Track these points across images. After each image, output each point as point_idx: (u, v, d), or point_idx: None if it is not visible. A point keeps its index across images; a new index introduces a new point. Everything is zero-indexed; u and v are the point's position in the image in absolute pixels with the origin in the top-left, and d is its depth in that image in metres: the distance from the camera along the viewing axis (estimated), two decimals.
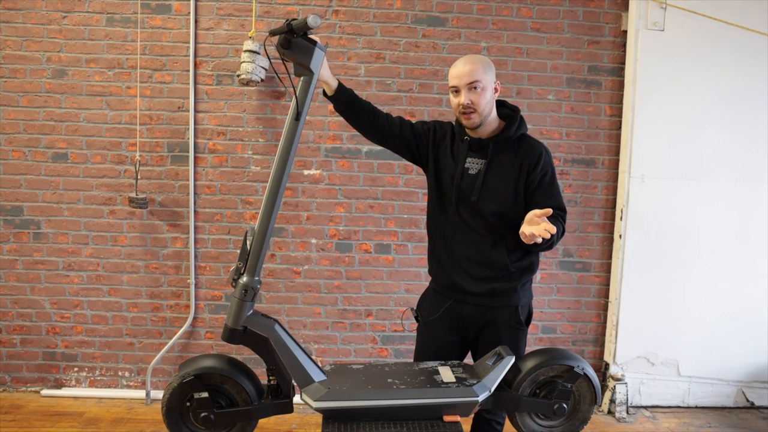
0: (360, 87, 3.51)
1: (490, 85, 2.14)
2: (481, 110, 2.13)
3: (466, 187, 2.20)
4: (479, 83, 2.10)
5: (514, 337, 2.27)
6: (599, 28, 3.57)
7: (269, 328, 1.98)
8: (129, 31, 3.43)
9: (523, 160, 2.18)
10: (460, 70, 2.12)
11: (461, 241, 2.23)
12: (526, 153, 2.19)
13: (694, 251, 3.61)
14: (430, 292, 2.42)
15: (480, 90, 2.11)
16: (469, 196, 2.19)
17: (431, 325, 2.34)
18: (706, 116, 3.54)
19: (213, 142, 3.51)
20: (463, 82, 2.11)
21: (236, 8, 3.44)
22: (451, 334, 2.33)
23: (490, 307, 2.25)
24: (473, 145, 2.21)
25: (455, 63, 2.17)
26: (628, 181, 3.55)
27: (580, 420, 2.17)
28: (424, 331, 2.39)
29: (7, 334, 3.56)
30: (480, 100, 2.11)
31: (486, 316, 2.26)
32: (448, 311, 2.30)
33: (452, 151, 2.26)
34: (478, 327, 2.29)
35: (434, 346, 2.35)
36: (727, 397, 3.72)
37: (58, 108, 3.45)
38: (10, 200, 3.48)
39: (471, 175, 2.20)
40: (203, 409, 1.96)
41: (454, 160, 2.24)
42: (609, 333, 3.69)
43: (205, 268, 3.57)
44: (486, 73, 2.12)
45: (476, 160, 2.20)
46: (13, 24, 3.39)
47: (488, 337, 2.27)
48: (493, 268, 2.21)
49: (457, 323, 2.31)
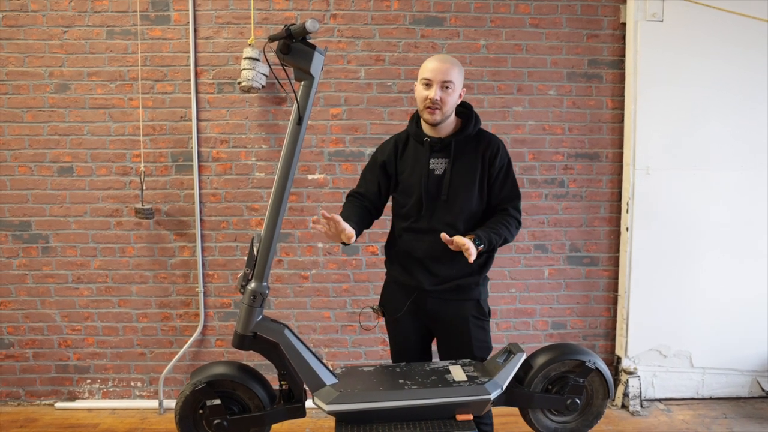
0: (360, 90, 3.52)
1: (458, 89, 2.20)
2: (446, 110, 2.18)
3: (434, 187, 2.23)
4: (452, 84, 2.16)
5: (482, 330, 2.32)
6: (598, 22, 3.57)
7: (279, 333, 1.98)
8: (129, 43, 3.45)
9: (484, 154, 2.24)
10: (438, 66, 2.16)
11: (429, 243, 2.24)
12: (486, 147, 2.25)
13: (701, 241, 3.59)
14: (391, 286, 2.43)
15: (451, 91, 2.16)
16: (438, 196, 2.22)
17: (398, 320, 2.37)
18: (708, 105, 3.52)
19: (216, 150, 3.52)
20: (437, 78, 2.15)
21: (235, 16, 3.46)
22: (416, 325, 2.37)
23: (454, 300, 2.29)
24: (435, 146, 2.24)
25: (431, 58, 2.21)
26: (633, 173, 3.54)
27: (593, 414, 2.17)
28: (393, 328, 2.43)
29: (20, 348, 3.58)
30: (448, 99, 2.16)
31: (451, 309, 2.29)
32: (412, 306, 2.32)
33: (415, 155, 2.28)
34: (443, 320, 2.31)
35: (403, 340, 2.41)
36: (742, 387, 3.70)
37: (62, 122, 3.47)
38: (18, 215, 3.50)
39: (437, 176, 2.23)
40: (216, 416, 1.97)
41: (418, 163, 2.26)
42: (620, 326, 3.67)
43: (213, 276, 3.58)
44: (459, 77, 2.19)
45: (440, 160, 2.24)
46: (14, 41, 3.42)
47: (455, 330, 2.31)
48: (457, 266, 2.24)
49: (422, 316, 2.34)
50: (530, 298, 3.67)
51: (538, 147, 3.61)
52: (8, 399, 3.60)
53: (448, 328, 2.32)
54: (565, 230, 3.65)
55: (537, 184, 3.61)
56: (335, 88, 3.52)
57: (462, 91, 2.24)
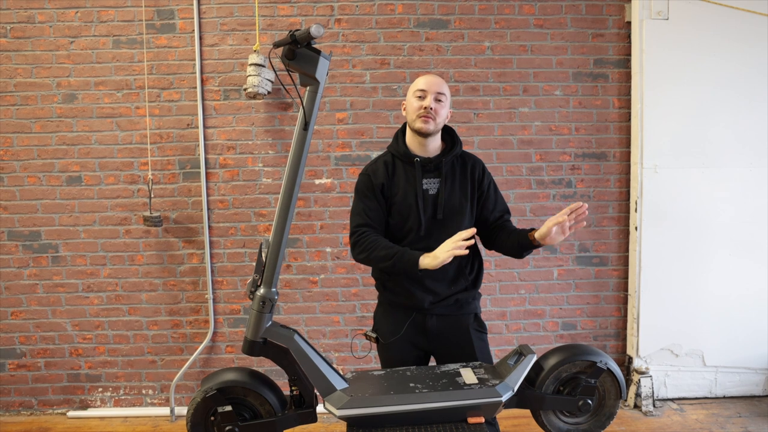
0: (366, 93, 3.52)
1: (448, 106, 2.27)
2: (439, 121, 2.23)
3: (428, 207, 2.24)
4: (444, 97, 2.23)
5: (483, 342, 2.32)
6: (603, 21, 3.56)
7: (289, 338, 1.98)
8: (135, 52, 3.47)
9: (472, 173, 2.30)
10: (432, 80, 2.24)
11: None
12: (472, 166, 2.31)
13: (711, 239, 3.57)
14: (386, 309, 2.35)
15: (443, 103, 2.23)
16: (434, 215, 2.23)
17: (393, 344, 2.29)
18: (715, 103, 3.50)
19: (223, 156, 3.53)
20: (432, 89, 2.22)
21: (239, 23, 3.47)
22: (413, 347, 2.30)
23: (454, 316, 2.29)
24: (426, 165, 2.25)
25: (425, 75, 2.29)
26: (641, 172, 3.52)
27: (606, 415, 2.15)
28: (387, 352, 2.32)
29: (32, 358, 3.59)
30: (441, 111, 2.23)
31: (451, 324, 2.28)
32: (411, 327, 2.27)
33: (405, 177, 2.26)
34: (444, 336, 2.27)
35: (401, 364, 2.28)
36: (756, 385, 3.67)
37: (70, 132, 3.49)
38: (28, 225, 3.52)
39: (431, 195, 2.24)
40: (227, 422, 1.97)
41: (410, 184, 2.24)
42: (630, 326, 3.65)
43: (222, 283, 3.58)
44: (448, 95, 2.27)
45: (431, 180, 2.26)
46: (22, 52, 3.45)
47: (457, 344, 2.27)
48: (456, 284, 2.26)
49: (420, 337, 2.28)
50: (540, 299, 3.65)
51: (545, 147, 3.60)
52: (21, 408, 3.62)
53: (449, 344, 2.28)
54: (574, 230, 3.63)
55: (544, 184, 3.60)
56: (341, 93, 3.53)
57: (450, 111, 2.31)
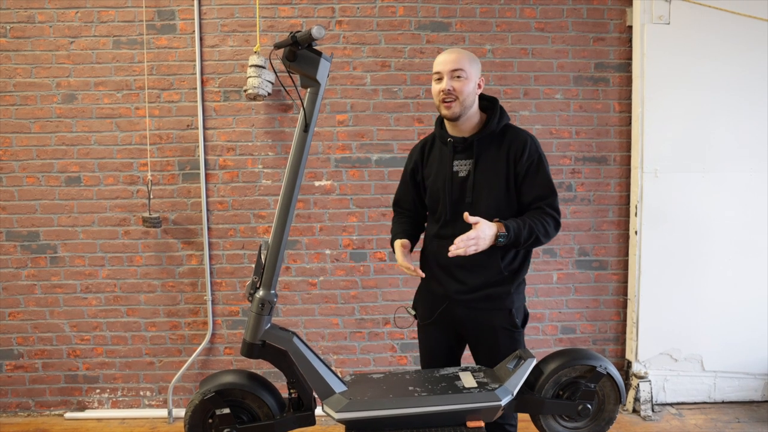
0: (367, 96, 3.52)
1: (473, 78, 2.12)
2: (463, 99, 2.10)
3: (457, 190, 2.17)
4: (463, 72, 2.09)
5: (511, 339, 2.22)
6: (604, 25, 3.56)
7: (287, 340, 1.98)
8: (135, 53, 3.47)
9: (509, 152, 2.14)
10: (445, 58, 2.12)
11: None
12: (511, 143, 2.15)
13: (711, 244, 3.57)
14: (423, 291, 2.39)
15: (463, 79, 2.09)
16: (463, 199, 2.16)
17: (428, 327, 2.33)
18: (716, 108, 3.50)
19: (223, 158, 3.53)
20: (446, 68, 2.10)
21: (240, 24, 3.47)
22: (446, 334, 2.32)
23: (484, 310, 2.22)
24: (458, 146, 2.18)
25: (442, 52, 2.17)
26: (641, 176, 3.52)
27: (605, 420, 2.15)
28: (424, 334, 2.38)
29: (29, 359, 3.58)
30: (462, 88, 2.09)
31: (481, 318, 2.23)
32: (442, 314, 2.27)
33: (440, 158, 2.24)
34: (473, 328, 2.26)
35: (434, 348, 2.36)
36: (755, 390, 3.66)
37: (69, 132, 3.49)
38: (26, 226, 3.51)
39: (461, 178, 2.17)
40: (226, 425, 1.96)
41: (442, 166, 2.22)
42: (629, 330, 3.65)
43: (221, 284, 3.58)
44: (471, 65, 2.11)
45: (463, 162, 2.17)
46: (22, 52, 3.44)
47: (485, 340, 2.25)
48: (486, 274, 2.17)
49: (452, 324, 2.29)
50: (539, 302, 3.64)
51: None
52: (18, 410, 3.61)
53: (477, 337, 2.27)
54: (574, 234, 3.63)
55: None
56: (341, 95, 3.53)
57: (480, 80, 2.16)
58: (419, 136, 3.53)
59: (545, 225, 2.09)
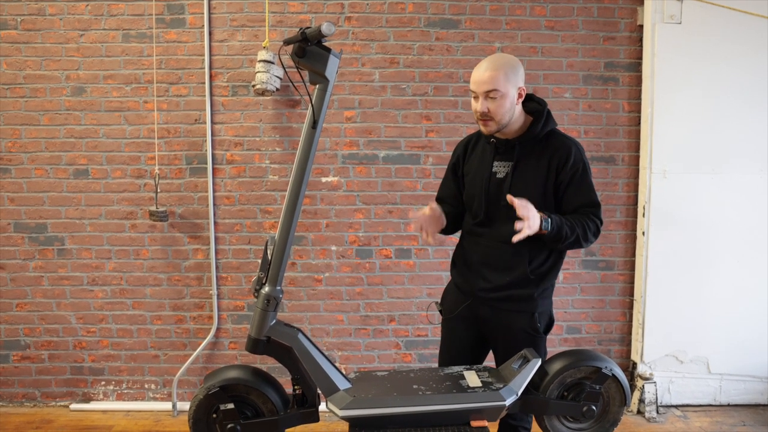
0: (375, 92, 3.51)
1: (510, 93, 2.07)
2: (499, 119, 2.08)
3: (494, 191, 2.16)
4: (498, 92, 2.04)
5: (532, 344, 2.20)
6: (614, 24, 3.54)
7: (292, 337, 1.98)
8: (145, 47, 3.47)
9: (551, 159, 2.12)
10: (480, 76, 2.07)
11: (485, 248, 2.21)
12: (554, 151, 2.12)
13: (719, 245, 3.54)
14: (451, 287, 2.42)
15: (498, 98, 2.05)
16: (498, 201, 2.14)
17: (452, 322, 2.35)
18: (726, 108, 3.47)
19: (230, 152, 3.53)
20: (481, 90, 2.07)
21: (249, 19, 3.47)
22: (470, 332, 2.32)
23: (506, 311, 2.21)
24: (500, 147, 2.18)
25: (479, 65, 2.11)
26: (650, 177, 3.50)
27: (610, 422, 2.14)
28: (446, 329, 2.41)
29: (35, 350, 3.60)
30: (498, 109, 2.06)
31: (503, 319, 2.22)
32: (466, 310, 2.29)
33: (481, 156, 2.24)
34: (495, 329, 2.26)
35: (456, 345, 2.37)
36: (761, 394, 3.64)
37: (78, 125, 3.50)
38: (34, 218, 3.53)
39: (499, 179, 2.16)
40: (229, 420, 1.96)
41: (482, 165, 2.22)
42: (635, 332, 3.63)
43: (226, 279, 3.58)
44: (507, 80, 2.05)
45: (503, 163, 2.17)
46: (32, 45, 3.45)
47: (505, 343, 2.25)
48: (512, 275, 2.17)
49: (475, 322, 2.30)
50: None
51: None
52: (24, 400, 3.63)
53: (498, 338, 2.27)
54: None
55: None
56: (349, 91, 3.52)
57: (519, 91, 2.09)
58: (427, 133, 3.52)
59: (586, 228, 2.08)
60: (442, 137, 3.53)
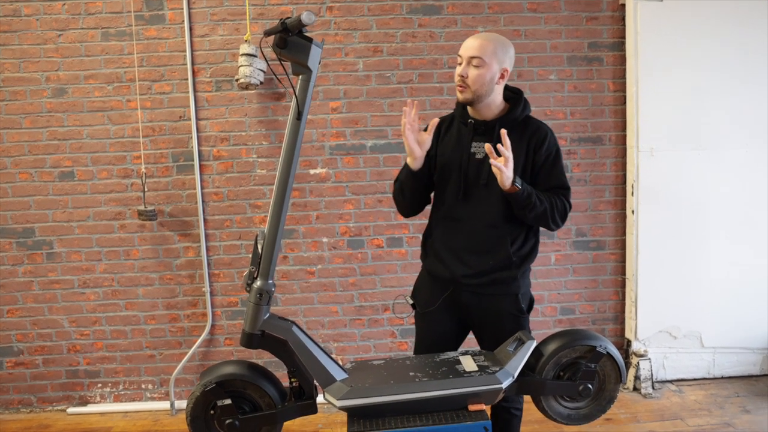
0: (360, 82, 3.49)
1: (493, 67, 2.09)
2: (475, 89, 2.10)
3: (473, 171, 2.17)
4: (481, 61, 2.07)
5: (517, 325, 2.22)
6: (597, 4, 3.53)
7: (287, 330, 1.97)
8: (125, 44, 3.43)
9: (530, 141, 2.16)
10: (469, 43, 2.12)
11: (465, 232, 2.20)
12: (532, 134, 2.17)
13: (708, 221, 3.57)
14: (425, 279, 2.37)
15: (481, 67, 2.07)
16: (477, 181, 2.15)
17: (431, 314, 2.30)
18: (710, 85, 3.49)
19: (217, 148, 3.51)
20: (466, 54, 2.10)
21: (230, 12, 3.43)
22: (450, 321, 2.30)
23: (490, 295, 2.22)
24: (478, 128, 2.18)
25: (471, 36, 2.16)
26: (637, 155, 3.51)
27: (606, 399, 2.16)
28: (424, 323, 2.35)
29: (30, 355, 3.58)
30: (476, 78, 2.08)
31: (486, 304, 2.23)
32: (446, 301, 2.26)
33: (457, 137, 2.23)
34: (478, 314, 2.26)
35: (434, 336, 2.33)
36: (753, 365, 3.69)
37: (61, 127, 3.46)
38: (21, 222, 3.49)
39: (478, 160, 2.16)
40: (227, 416, 1.96)
41: (459, 145, 2.21)
42: (629, 310, 3.66)
43: (219, 275, 3.57)
44: (494, 54, 2.08)
45: (482, 144, 2.15)
46: (9, 46, 3.40)
47: (491, 326, 2.25)
48: (494, 257, 2.18)
49: (456, 310, 2.28)
50: (538, 284, 3.65)
51: None
52: (20, 406, 3.61)
53: (483, 323, 2.27)
54: (571, 215, 3.59)
55: None
56: (334, 81, 3.50)
57: (503, 71, 2.12)
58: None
59: (554, 204, 2.13)
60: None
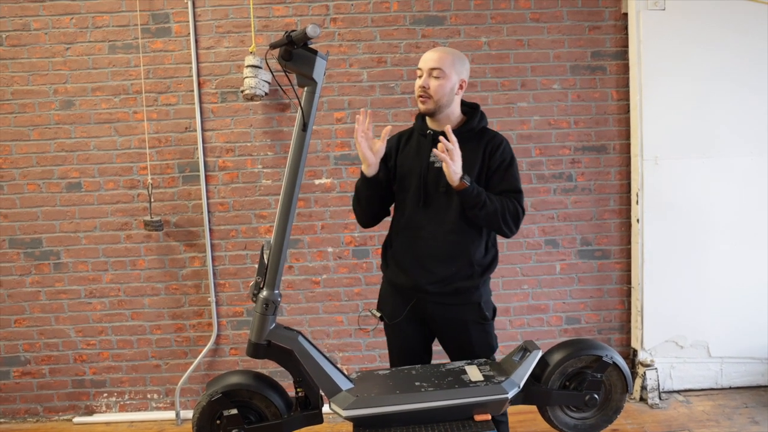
0: (364, 92, 3.51)
1: (453, 78, 2.18)
2: (437, 99, 2.18)
3: (432, 179, 2.22)
4: (440, 71, 2.16)
5: (484, 333, 2.27)
6: (599, 13, 3.55)
7: (293, 340, 1.98)
8: (131, 57, 3.46)
9: (485, 148, 2.22)
10: (428, 56, 2.22)
11: (427, 239, 2.23)
12: (488, 141, 2.24)
13: (714, 229, 3.56)
14: (387, 290, 2.40)
15: (441, 78, 2.16)
16: (437, 188, 2.20)
17: (398, 326, 2.33)
18: (714, 93, 3.49)
19: (222, 159, 3.53)
20: (426, 66, 2.19)
21: (235, 25, 3.46)
22: (417, 331, 2.34)
23: (453, 305, 2.24)
24: (437, 139, 2.21)
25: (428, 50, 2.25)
26: (642, 164, 3.51)
27: (613, 409, 2.15)
28: (393, 334, 2.40)
29: (36, 365, 3.59)
30: (438, 89, 2.17)
31: (450, 313, 2.26)
32: (411, 311, 2.29)
33: (417, 148, 2.29)
34: (444, 324, 2.28)
35: (405, 346, 2.37)
36: (762, 375, 3.66)
37: (69, 138, 3.49)
38: (29, 233, 3.52)
39: (437, 168, 2.20)
40: (233, 425, 1.96)
41: (419, 155, 2.27)
42: (634, 319, 3.64)
43: (224, 285, 3.58)
44: (453, 66, 2.18)
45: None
46: (19, 60, 3.44)
47: (456, 335, 2.28)
48: (456, 264, 2.20)
49: (422, 321, 2.32)
50: (543, 294, 3.64)
51: (545, 142, 3.59)
52: (27, 416, 3.62)
53: (448, 332, 2.30)
54: (575, 224, 3.63)
55: (545, 179, 3.59)
56: (338, 92, 3.52)
57: (461, 82, 2.22)
58: None
59: (505, 206, 2.14)
60: None
